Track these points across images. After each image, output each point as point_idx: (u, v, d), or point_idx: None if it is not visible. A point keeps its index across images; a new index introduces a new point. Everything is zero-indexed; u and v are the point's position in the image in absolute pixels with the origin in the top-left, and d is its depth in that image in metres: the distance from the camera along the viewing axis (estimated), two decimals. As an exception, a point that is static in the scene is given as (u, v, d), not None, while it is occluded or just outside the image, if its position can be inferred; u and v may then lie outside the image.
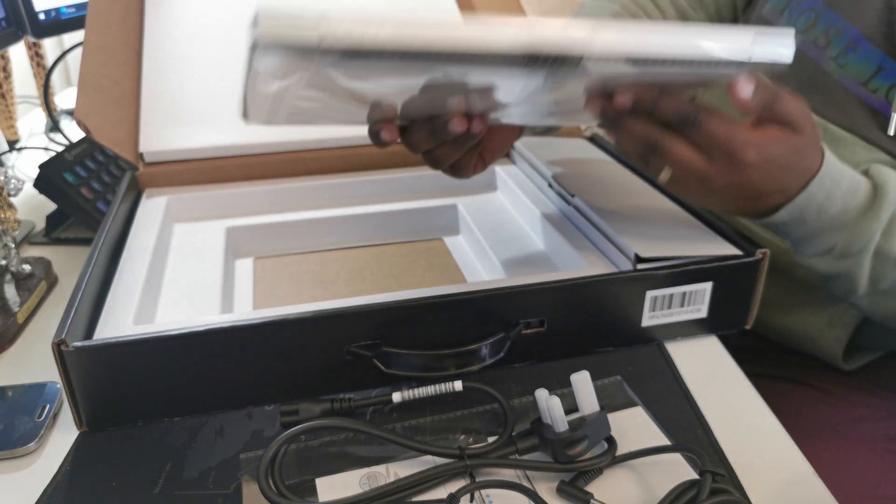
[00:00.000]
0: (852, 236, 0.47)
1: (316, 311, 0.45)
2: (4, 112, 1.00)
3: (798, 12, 0.60)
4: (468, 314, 0.47)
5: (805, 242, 0.49)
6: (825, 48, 0.57)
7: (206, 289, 0.54)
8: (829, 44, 0.57)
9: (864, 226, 0.47)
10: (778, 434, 0.45)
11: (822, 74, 0.57)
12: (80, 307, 0.44)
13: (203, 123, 0.70)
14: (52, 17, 0.89)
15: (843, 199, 0.46)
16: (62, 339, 0.41)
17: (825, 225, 0.47)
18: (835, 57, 0.57)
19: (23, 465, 0.43)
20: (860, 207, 0.47)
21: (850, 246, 0.47)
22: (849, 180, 0.47)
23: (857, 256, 0.48)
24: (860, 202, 0.47)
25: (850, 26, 0.56)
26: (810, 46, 0.58)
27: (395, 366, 0.46)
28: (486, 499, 0.39)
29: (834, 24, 0.57)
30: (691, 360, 0.51)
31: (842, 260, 0.48)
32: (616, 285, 0.49)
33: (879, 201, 0.47)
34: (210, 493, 0.40)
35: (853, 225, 0.47)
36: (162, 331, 0.43)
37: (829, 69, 0.57)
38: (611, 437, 0.41)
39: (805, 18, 0.59)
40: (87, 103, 0.63)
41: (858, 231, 0.47)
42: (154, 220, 0.61)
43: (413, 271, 0.61)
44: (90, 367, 0.42)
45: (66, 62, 1.30)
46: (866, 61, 0.55)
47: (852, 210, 0.47)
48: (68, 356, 0.41)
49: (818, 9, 0.58)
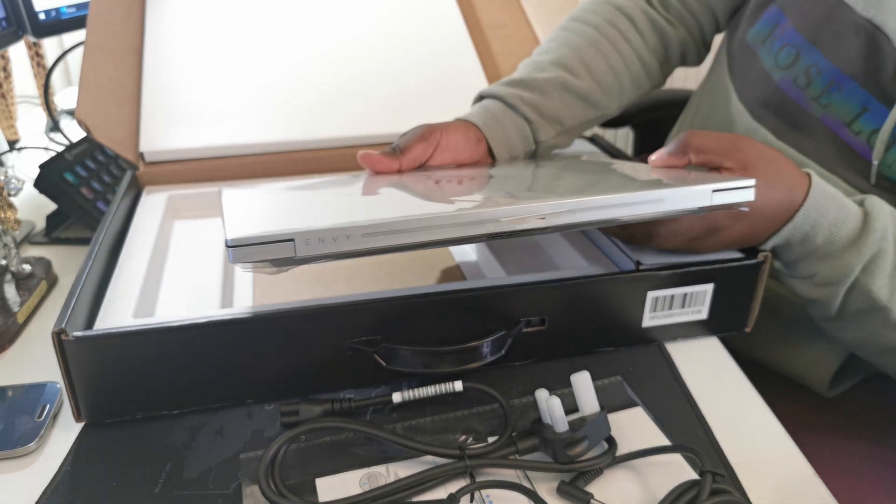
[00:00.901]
0: (833, 268, 0.48)
1: (317, 306, 0.44)
2: (4, 112, 1.00)
3: (779, 44, 0.58)
4: (470, 311, 0.47)
5: (789, 265, 0.51)
6: (805, 88, 0.56)
7: (206, 286, 0.54)
8: (809, 84, 0.56)
9: (846, 259, 0.47)
10: (778, 434, 0.45)
11: (804, 114, 0.56)
12: (80, 299, 0.44)
13: (203, 123, 0.70)
14: (52, 17, 0.89)
15: (829, 229, 0.47)
16: (62, 328, 0.41)
17: (809, 252, 0.49)
18: (816, 97, 0.55)
19: (23, 465, 0.43)
20: (845, 240, 0.47)
21: (829, 276, 0.48)
22: (837, 210, 0.47)
23: (835, 286, 0.49)
24: (846, 234, 0.47)
25: (831, 66, 0.54)
26: (790, 85, 0.57)
27: (395, 362, 0.46)
28: (486, 499, 0.39)
29: (815, 63, 0.55)
30: (691, 361, 0.51)
31: (821, 288, 0.49)
32: (617, 285, 0.49)
33: (865, 237, 0.47)
34: (210, 493, 0.40)
35: (836, 257, 0.48)
36: (163, 322, 0.43)
37: (811, 109, 0.56)
38: (611, 437, 0.41)
39: (786, 54, 0.57)
40: (88, 103, 0.63)
41: (840, 263, 0.48)
42: (154, 216, 0.61)
43: (413, 270, 0.61)
44: (90, 357, 0.42)
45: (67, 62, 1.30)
46: (851, 101, 0.53)
47: (837, 242, 0.47)
48: (68, 346, 0.41)
49: (798, 44, 0.56)
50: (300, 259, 0.36)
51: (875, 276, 0.47)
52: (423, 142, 0.53)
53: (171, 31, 0.77)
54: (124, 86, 0.71)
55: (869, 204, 0.48)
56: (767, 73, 0.59)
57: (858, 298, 0.48)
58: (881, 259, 0.47)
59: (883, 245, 0.47)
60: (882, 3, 0.52)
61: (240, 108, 0.73)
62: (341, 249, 0.36)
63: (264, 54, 0.77)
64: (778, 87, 0.58)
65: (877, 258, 0.47)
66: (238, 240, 0.35)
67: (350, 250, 0.36)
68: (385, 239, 0.37)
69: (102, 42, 0.69)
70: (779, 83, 0.58)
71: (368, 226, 0.36)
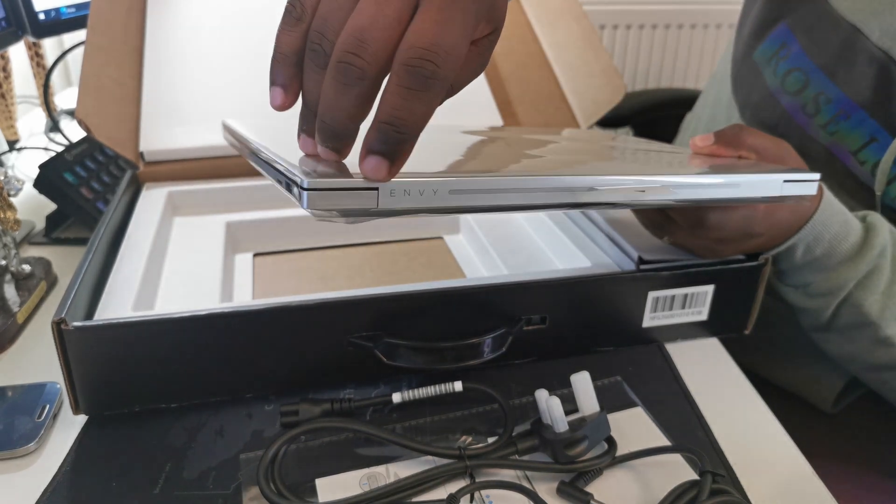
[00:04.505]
0: (828, 281, 0.48)
1: (319, 300, 0.44)
2: (4, 112, 1.00)
3: (786, 66, 0.57)
4: (470, 308, 0.47)
5: (786, 273, 0.51)
6: (813, 116, 0.55)
7: (206, 282, 0.54)
8: (818, 112, 0.55)
9: (842, 273, 0.48)
10: (778, 434, 0.45)
11: (809, 140, 0.56)
12: (80, 291, 0.44)
13: (204, 123, 0.70)
14: (52, 17, 0.88)
15: (829, 243, 0.47)
16: (62, 317, 0.41)
17: (807, 263, 0.49)
18: (824, 125, 0.55)
19: (23, 465, 0.43)
20: (844, 255, 0.48)
21: (823, 288, 0.49)
22: (840, 225, 0.48)
23: (828, 298, 0.49)
24: (846, 250, 0.47)
25: (842, 95, 0.54)
26: (798, 111, 0.57)
27: (395, 357, 0.46)
28: (486, 499, 0.39)
29: (825, 90, 0.55)
30: (691, 361, 0.51)
31: (813, 298, 0.50)
32: (618, 285, 0.49)
33: (863, 253, 0.47)
34: (210, 494, 0.40)
35: (832, 270, 0.48)
36: (163, 314, 0.43)
37: (818, 137, 0.55)
38: (611, 437, 0.41)
39: (794, 79, 0.57)
40: (88, 102, 0.63)
41: (835, 276, 0.48)
42: (154, 213, 0.61)
43: (413, 269, 0.61)
44: (90, 347, 0.42)
45: (66, 62, 1.29)
46: (859, 130, 0.53)
47: (836, 256, 0.48)
48: (68, 335, 0.41)
49: (808, 70, 0.56)
50: (380, 211, 0.32)
51: (868, 291, 0.47)
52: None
53: (171, 30, 0.77)
54: (124, 85, 0.71)
55: (871, 220, 0.48)
56: (773, 95, 0.58)
57: (849, 311, 0.48)
58: (876, 276, 0.47)
59: (880, 262, 0.47)
60: None
61: (240, 107, 0.73)
62: (427, 205, 0.33)
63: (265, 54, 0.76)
64: (785, 112, 0.57)
65: (872, 274, 0.47)
66: (317, 183, 0.30)
67: (435, 207, 0.33)
68: (473, 199, 0.34)
69: (103, 42, 0.69)
70: (786, 107, 0.57)
71: (459, 182, 0.33)
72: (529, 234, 0.63)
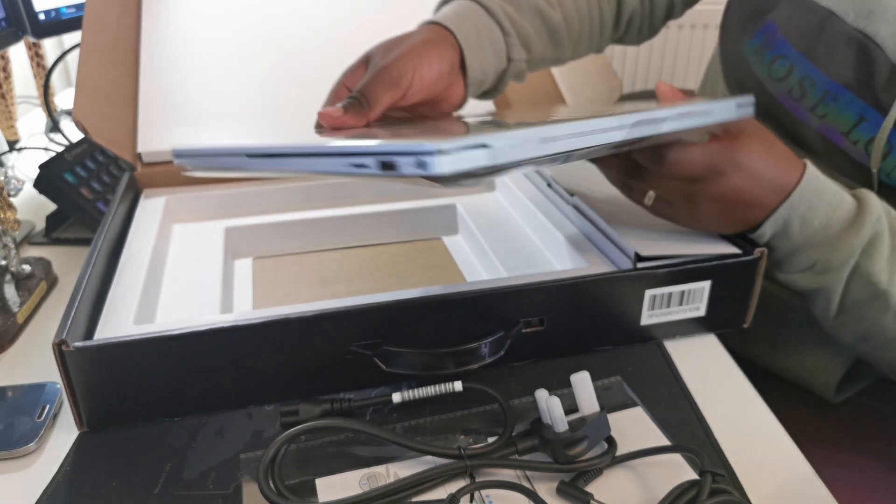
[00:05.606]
0: (834, 252, 0.48)
1: (317, 311, 0.44)
2: (4, 112, 1.00)
3: (771, 55, 0.58)
4: (468, 313, 0.47)
5: (789, 258, 0.50)
6: (800, 100, 0.56)
7: (206, 289, 0.54)
8: (804, 95, 0.56)
9: (846, 241, 0.47)
10: (778, 434, 0.45)
11: (800, 125, 0.56)
12: (80, 307, 0.44)
13: (201, 124, 0.70)
14: (52, 17, 0.88)
15: (825, 211, 0.47)
16: (63, 339, 0.41)
17: (808, 238, 0.48)
18: (812, 108, 0.55)
19: (23, 466, 0.43)
20: (843, 222, 0.47)
21: (831, 261, 0.48)
22: (832, 194, 0.47)
23: (838, 272, 0.48)
24: (843, 217, 0.47)
25: (825, 78, 0.54)
26: (785, 97, 0.57)
27: (395, 364, 0.46)
28: (487, 499, 0.39)
29: (809, 74, 0.55)
30: (691, 361, 0.51)
31: (822, 275, 0.49)
32: (615, 284, 0.49)
33: (862, 218, 0.47)
34: (210, 494, 0.40)
35: (836, 240, 0.47)
36: (162, 331, 0.43)
37: (808, 120, 0.56)
38: (611, 437, 0.41)
39: (779, 66, 0.57)
40: (86, 104, 0.63)
41: (840, 246, 0.47)
42: (153, 220, 0.61)
43: (412, 271, 0.61)
44: (91, 367, 0.42)
45: (66, 62, 1.29)
46: (848, 111, 0.53)
47: (835, 224, 0.47)
48: (69, 356, 0.41)
49: (791, 57, 0.56)
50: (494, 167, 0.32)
51: (874, 259, 0.47)
52: (394, 88, 0.47)
53: (168, 31, 0.77)
54: (122, 86, 0.71)
55: (860, 193, 0.49)
56: (762, 84, 0.59)
57: (860, 284, 0.48)
58: (879, 242, 0.47)
59: (879, 228, 0.47)
60: (872, 13, 0.51)
61: (238, 108, 0.73)
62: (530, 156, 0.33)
63: (263, 54, 0.77)
64: (775, 99, 0.58)
65: (875, 241, 0.47)
66: (447, 146, 0.30)
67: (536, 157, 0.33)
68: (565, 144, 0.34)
69: (99, 43, 0.69)
70: (775, 95, 0.58)
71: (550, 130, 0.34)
72: (527, 233, 0.63)
